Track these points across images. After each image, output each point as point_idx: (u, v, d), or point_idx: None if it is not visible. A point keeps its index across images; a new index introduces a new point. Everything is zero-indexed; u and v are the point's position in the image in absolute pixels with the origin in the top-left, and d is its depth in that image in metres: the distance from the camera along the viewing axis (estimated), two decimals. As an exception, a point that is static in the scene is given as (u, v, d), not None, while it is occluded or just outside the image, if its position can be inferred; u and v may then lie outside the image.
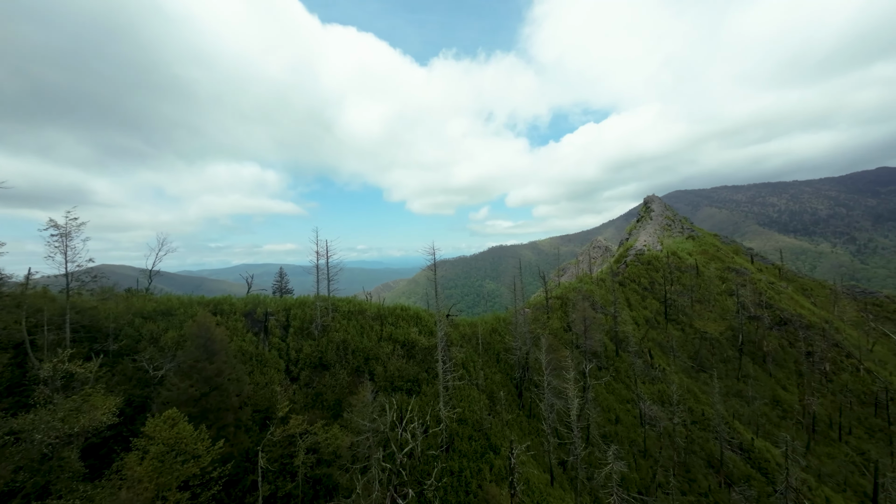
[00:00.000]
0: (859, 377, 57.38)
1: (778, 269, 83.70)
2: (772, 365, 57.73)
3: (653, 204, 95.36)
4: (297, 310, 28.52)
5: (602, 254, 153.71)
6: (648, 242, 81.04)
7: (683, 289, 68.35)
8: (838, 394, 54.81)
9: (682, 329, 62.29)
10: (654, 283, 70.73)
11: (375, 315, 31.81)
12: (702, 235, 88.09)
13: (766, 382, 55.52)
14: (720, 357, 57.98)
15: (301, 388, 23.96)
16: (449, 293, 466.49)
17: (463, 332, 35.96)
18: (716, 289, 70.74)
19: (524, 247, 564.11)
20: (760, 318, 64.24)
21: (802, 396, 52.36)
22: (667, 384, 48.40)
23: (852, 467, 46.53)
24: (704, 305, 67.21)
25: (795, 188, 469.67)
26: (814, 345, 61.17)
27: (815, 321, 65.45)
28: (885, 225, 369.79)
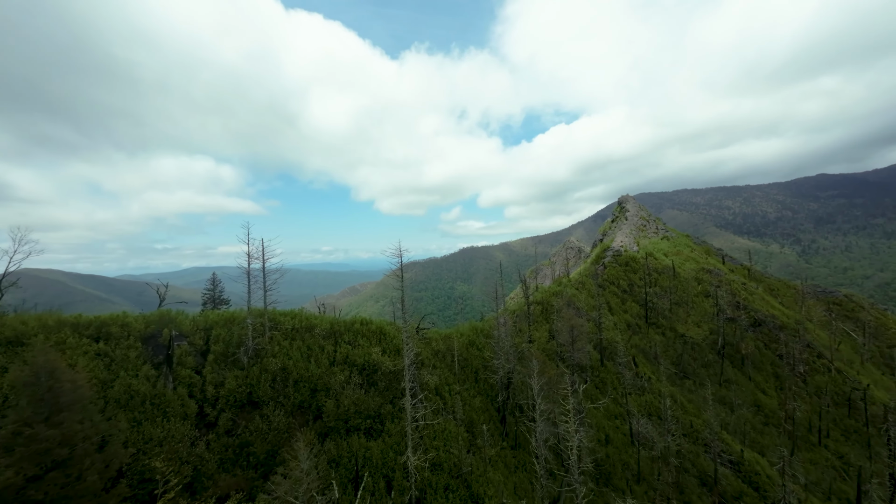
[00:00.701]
0: (831, 378, 58.27)
1: (747, 270, 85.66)
2: (751, 368, 57.37)
3: (627, 204, 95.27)
4: (221, 329, 22.41)
5: (575, 255, 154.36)
6: (625, 243, 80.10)
7: (662, 291, 67.32)
8: (814, 396, 55.15)
9: (662, 333, 60.88)
10: (633, 286, 69.32)
11: (328, 332, 26.19)
12: (676, 236, 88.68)
13: (747, 387, 54.90)
14: (701, 362, 56.88)
15: (219, 437, 18.05)
16: (419, 296, 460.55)
17: (436, 347, 31.03)
18: (693, 290, 70.42)
19: (496, 248, 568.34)
20: (737, 319, 64.25)
21: (783, 401, 52.09)
22: (654, 394, 46.03)
23: (834, 473, 46.17)
24: (683, 308, 66.49)
25: (748, 192, 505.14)
26: (788, 346, 61.78)
27: (787, 322, 66.41)
28: (825, 227, 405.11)
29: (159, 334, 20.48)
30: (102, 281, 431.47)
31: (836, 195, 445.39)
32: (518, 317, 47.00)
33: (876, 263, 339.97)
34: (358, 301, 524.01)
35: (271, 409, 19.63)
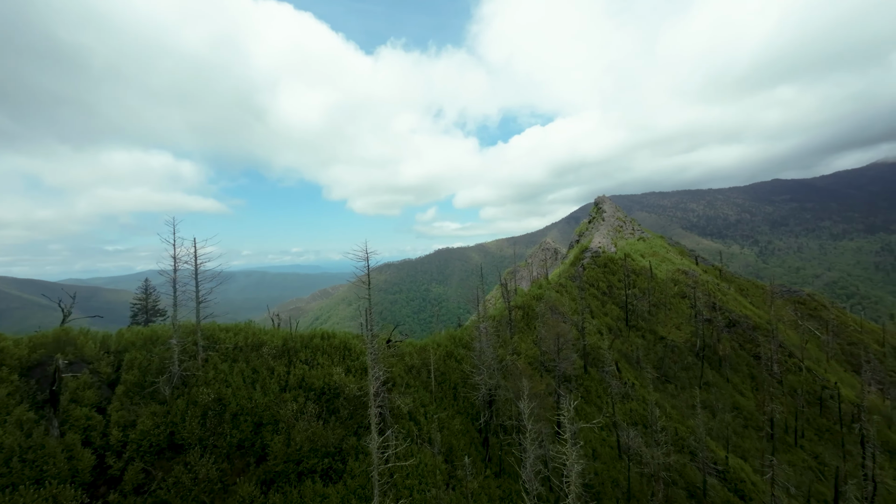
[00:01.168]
0: (803, 377, 59.48)
1: (719, 271, 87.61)
2: (728, 370, 57.56)
3: (604, 205, 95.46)
4: (137, 352, 18.02)
5: (551, 256, 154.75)
6: (603, 244, 79.70)
7: (641, 293, 66.90)
8: (788, 396, 55.92)
9: (642, 336, 60.19)
10: (613, 287, 68.60)
11: (280, 350, 22.19)
12: (651, 237, 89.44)
13: (725, 389, 54.88)
14: (681, 364, 56.47)
15: (125, 497, 13.88)
16: (393, 299, 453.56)
17: (409, 362, 27.58)
18: (670, 292, 70.59)
19: (471, 249, 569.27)
20: (713, 321, 64.70)
21: (761, 402, 52.39)
22: (638, 401, 44.61)
23: (811, 474, 46.44)
24: (660, 309, 66.36)
25: (711, 195, 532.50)
26: (762, 347, 62.75)
27: (759, 322, 67.64)
28: (780, 229, 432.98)
29: (50, 361, 15.93)
30: (43, 286, 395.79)
31: (788, 199, 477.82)
32: (499, 323, 44.32)
33: (824, 263, 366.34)
34: (330, 304, 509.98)
35: (199, 455, 15.59)
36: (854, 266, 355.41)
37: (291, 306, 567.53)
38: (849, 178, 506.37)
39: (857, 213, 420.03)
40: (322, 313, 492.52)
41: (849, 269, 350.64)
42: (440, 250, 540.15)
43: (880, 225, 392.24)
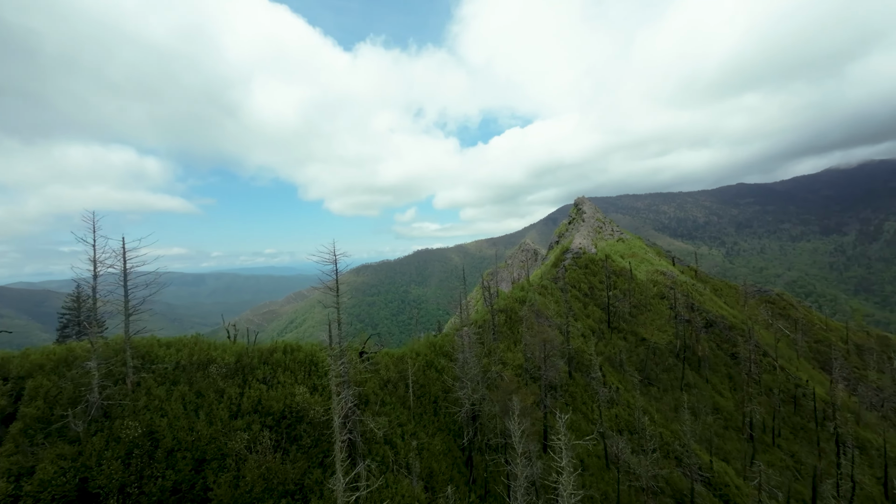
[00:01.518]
0: (777, 376, 60.67)
1: (694, 271, 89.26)
2: (707, 370, 57.90)
3: (584, 206, 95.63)
4: (44, 378, 14.67)
5: (531, 257, 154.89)
6: (583, 245, 79.40)
7: (621, 294, 66.67)
8: (764, 395, 56.76)
9: (624, 338, 59.77)
10: (594, 289, 68.10)
11: (232, 368, 19.15)
12: (630, 238, 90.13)
13: (705, 390, 55.05)
14: (662, 366, 56.32)
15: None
16: (371, 300, 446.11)
17: (385, 376, 24.99)
18: (649, 293, 70.82)
19: (451, 250, 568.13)
20: (692, 321, 65.21)
21: (740, 403, 52.84)
22: (623, 406, 43.64)
23: (789, 473, 46.85)
24: (641, 310, 66.36)
25: (681, 198, 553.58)
26: (738, 346, 63.71)
27: (735, 322, 68.79)
28: (744, 231, 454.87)
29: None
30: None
31: (752, 203, 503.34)
32: (481, 328, 42.29)
33: (785, 263, 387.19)
34: (305, 307, 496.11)
35: (118, 507, 12.54)
36: (811, 266, 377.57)
37: (264, 310, 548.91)
38: (805, 183, 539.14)
39: (813, 216, 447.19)
40: (297, 317, 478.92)
41: (806, 269, 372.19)
42: (419, 251, 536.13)
43: (833, 227, 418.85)
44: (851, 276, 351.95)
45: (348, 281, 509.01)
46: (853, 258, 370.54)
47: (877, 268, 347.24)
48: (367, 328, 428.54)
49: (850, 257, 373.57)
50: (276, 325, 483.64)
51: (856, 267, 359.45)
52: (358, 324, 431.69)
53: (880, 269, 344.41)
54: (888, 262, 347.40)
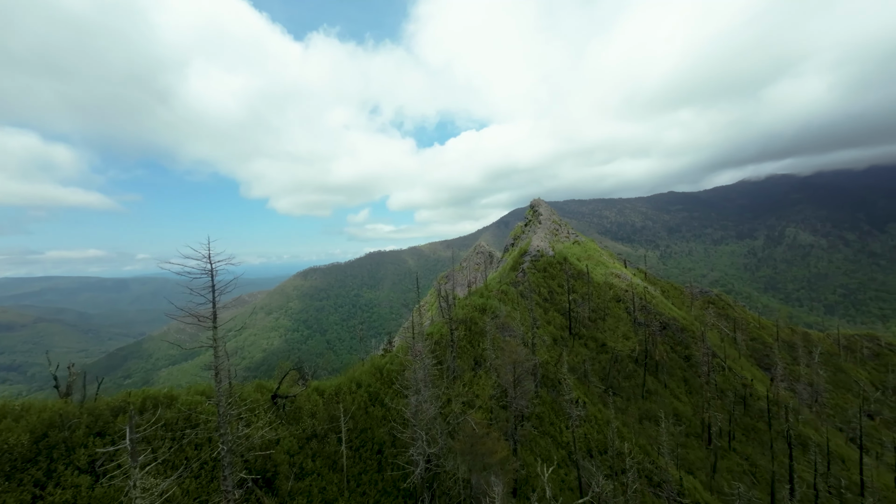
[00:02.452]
0: (726, 376, 61.77)
1: (644, 273, 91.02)
2: (665, 375, 57.18)
3: (540, 207, 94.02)
4: None
5: (485, 259, 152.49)
6: (541, 247, 76.99)
7: (581, 298, 64.60)
8: (716, 398, 57.15)
9: (585, 344, 57.36)
10: (553, 293, 65.42)
11: (28, 449, 11.39)
12: (585, 241, 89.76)
13: (664, 395, 53.99)
14: (623, 373, 54.54)
15: None
16: (320, 305, 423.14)
17: (310, 426, 18.15)
18: (606, 296, 69.74)
19: (405, 252, 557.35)
20: (648, 325, 64.79)
21: (699, 408, 52.40)
22: (590, 423, 40.17)
23: (747, 479, 46.49)
24: (599, 314, 64.80)
25: (621, 204, 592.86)
26: (691, 348, 64.29)
27: (686, 324, 69.74)
28: (675, 235, 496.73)
29: None
30: None
31: (681, 209, 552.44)
32: (437, 343, 36.49)
33: (708, 264, 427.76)
34: (245, 313, 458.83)
35: None
36: (730, 267, 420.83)
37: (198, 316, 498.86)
38: (723, 193, 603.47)
39: (730, 222, 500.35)
40: (236, 324, 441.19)
41: (726, 270, 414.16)
42: (372, 253, 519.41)
43: (746, 233, 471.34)
44: (761, 275, 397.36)
45: (295, 285, 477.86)
46: (762, 260, 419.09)
47: (781, 268, 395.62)
48: (316, 335, 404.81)
49: (760, 259, 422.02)
50: (211, 332, 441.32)
51: (765, 268, 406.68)
52: (305, 330, 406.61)
53: (784, 270, 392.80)
54: (790, 263, 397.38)
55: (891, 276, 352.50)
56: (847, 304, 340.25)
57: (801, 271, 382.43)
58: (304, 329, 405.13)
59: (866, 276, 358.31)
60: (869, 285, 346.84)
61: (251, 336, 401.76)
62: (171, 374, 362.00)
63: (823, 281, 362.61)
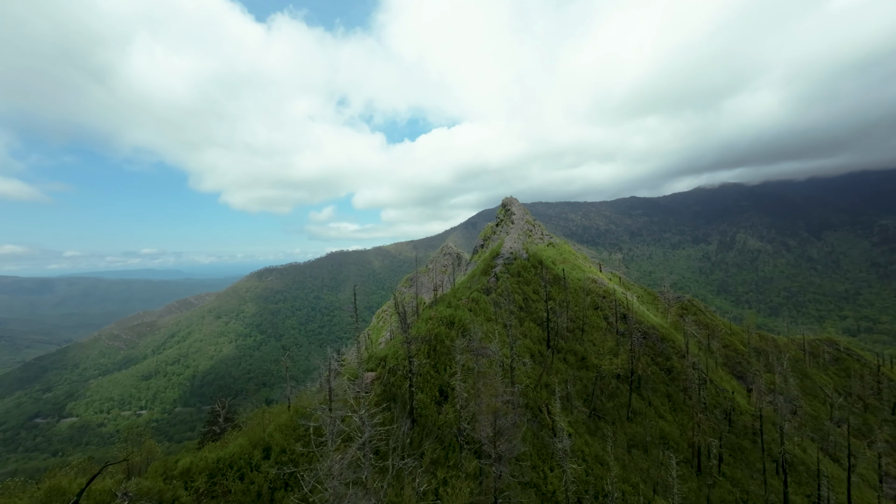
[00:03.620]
0: (708, 389, 58.55)
1: (619, 278, 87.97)
2: (649, 391, 52.74)
3: (513, 207, 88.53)
4: None
5: (453, 261, 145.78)
6: (514, 249, 71.17)
7: (558, 306, 59.10)
8: (700, 413, 53.51)
9: (564, 359, 51.69)
10: (528, 300, 59.51)
11: None
12: (559, 243, 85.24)
13: (650, 416, 49.33)
14: (606, 392, 49.37)
15: None
16: (275, 308, 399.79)
17: None
18: (583, 302, 64.91)
19: (369, 252, 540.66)
20: (629, 335, 60.55)
21: (685, 429, 48.21)
22: (577, 459, 34.00)
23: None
24: (577, 323, 59.71)
25: (586, 207, 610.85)
26: (671, 360, 60.71)
27: (665, 333, 66.34)
28: (636, 239, 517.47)
29: None
30: None
31: (642, 214, 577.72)
32: (393, 371, 28.73)
33: (667, 268, 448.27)
34: (192, 317, 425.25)
35: None
36: (686, 270, 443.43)
37: (136, 321, 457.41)
38: (681, 199, 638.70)
39: (687, 227, 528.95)
40: (180, 329, 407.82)
41: (683, 273, 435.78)
42: (333, 253, 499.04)
43: (701, 237, 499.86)
44: (715, 278, 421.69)
45: (249, 286, 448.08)
46: (716, 264, 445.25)
47: (732, 272, 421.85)
48: (270, 340, 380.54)
49: (713, 263, 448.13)
50: (151, 339, 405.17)
51: (717, 271, 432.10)
52: (259, 335, 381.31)
53: (734, 273, 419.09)
54: (740, 267, 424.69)
55: (826, 280, 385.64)
56: (790, 305, 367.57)
57: (749, 275, 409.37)
58: (258, 334, 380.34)
59: (806, 279, 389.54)
60: (808, 288, 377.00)
61: (197, 342, 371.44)
62: (102, 386, 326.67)
63: (769, 284, 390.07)
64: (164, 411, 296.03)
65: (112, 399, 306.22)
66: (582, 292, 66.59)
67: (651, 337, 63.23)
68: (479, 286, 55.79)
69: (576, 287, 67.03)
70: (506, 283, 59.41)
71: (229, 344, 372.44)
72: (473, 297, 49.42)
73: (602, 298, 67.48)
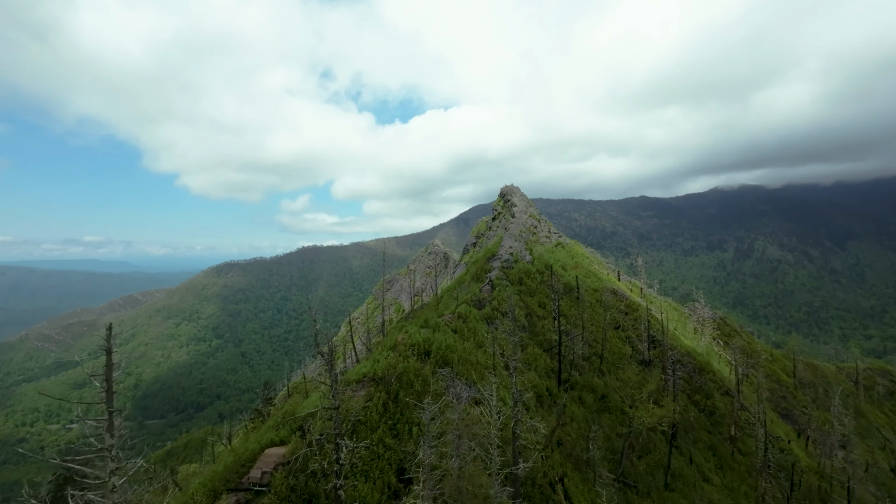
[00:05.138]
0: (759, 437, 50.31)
1: (640, 289, 79.69)
2: (689, 442, 44.10)
3: (513, 197, 79.38)
4: None
5: (441, 261, 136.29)
6: (515, 250, 62.10)
7: (570, 325, 50.14)
8: (753, 471, 45.12)
9: (580, 398, 42.68)
10: (533, 317, 50.41)
11: None
12: (570, 243, 76.53)
13: (691, 478, 40.69)
14: (636, 445, 40.54)
15: None
16: (235, 309, 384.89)
17: None
18: (600, 320, 56.12)
19: (346, 248, 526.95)
20: (659, 364, 52.06)
21: (742, 497, 39.70)
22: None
23: None
24: (594, 349, 50.93)
25: (591, 206, 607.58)
26: (713, 398, 52.41)
27: (701, 361, 58.02)
28: (645, 243, 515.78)
29: None
30: None
31: (652, 216, 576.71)
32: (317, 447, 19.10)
33: (679, 276, 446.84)
34: (137, 317, 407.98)
35: None
36: (699, 280, 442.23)
37: (72, 319, 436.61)
38: (695, 201, 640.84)
39: (701, 231, 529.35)
40: (122, 330, 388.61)
41: (696, 283, 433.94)
42: (305, 248, 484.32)
43: (716, 244, 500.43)
44: (730, 290, 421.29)
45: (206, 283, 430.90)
46: (732, 274, 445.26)
47: (749, 283, 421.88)
48: (228, 346, 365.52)
49: (729, 273, 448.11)
50: (88, 341, 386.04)
51: (733, 282, 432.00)
52: (215, 340, 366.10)
53: (752, 285, 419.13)
54: (758, 278, 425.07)
55: (850, 295, 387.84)
56: (811, 322, 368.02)
57: (768, 287, 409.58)
58: (214, 339, 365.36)
59: (828, 293, 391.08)
60: (831, 303, 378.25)
61: (141, 346, 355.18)
62: (26, 395, 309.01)
63: (789, 298, 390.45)
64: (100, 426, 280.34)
65: (37, 410, 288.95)
66: (600, 307, 57.82)
67: (686, 367, 54.66)
68: (469, 297, 46.39)
69: (592, 300, 58.23)
70: (503, 293, 50.17)
71: (180, 349, 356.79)
72: (460, 313, 39.99)
73: (624, 315, 58.87)
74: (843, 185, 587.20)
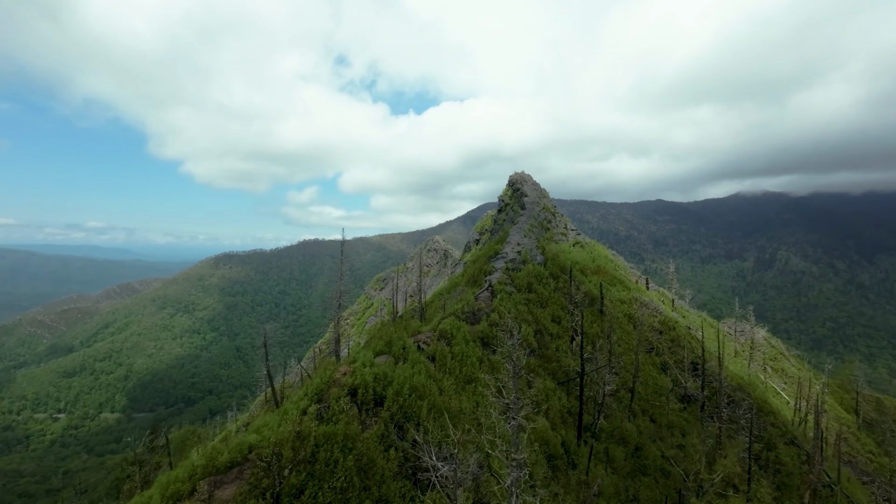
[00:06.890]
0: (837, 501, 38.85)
1: (672, 301, 68.12)
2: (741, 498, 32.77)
3: (524, 186, 68.18)
4: None
5: (440, 259, 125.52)
6: (524, 247, 51.07)
7: (592, 348, 38.94)
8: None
9: (605, 454, 31.63)
10: (543, 335, 39.35)
11: None
12: (590, 243, 65.18)
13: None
14: None
15: None
16: (232, 302, 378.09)
17: None
18: (629, 340, 44.95)
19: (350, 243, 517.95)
20: (700, 399, 40.84)
21: None
22: None
23: None
24: (624, 380, 39.82)
25: (604, 209, 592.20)
26: (777, 445, 41.07)
27: (757, 397, 46.45)
28: (661, 249, 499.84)
29: None
30: None
31: (668, 220, 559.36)
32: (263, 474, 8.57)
33: (696, 285, 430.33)
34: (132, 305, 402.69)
35: None
36: (717, 289, 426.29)
37: (68, 305, 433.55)
38: (714, 206, 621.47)
39: (719, 239, 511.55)
40: (117, 318, 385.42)
41: (713, 293, 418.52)
42: (307, 242, 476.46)
43: (735, 252, 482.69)
44: (750, 301, 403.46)
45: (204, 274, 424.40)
46: (752, 284, 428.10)
47: (770, 295, 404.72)
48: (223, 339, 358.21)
49: (749, 283, 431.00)
50: (83, 328, 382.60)
51: (753, 293, 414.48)
52: (210, 332, 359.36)
53: (773, 297, 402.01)
54: (780, 289, 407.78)
55: (879, 312, 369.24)
56: (835, 338, 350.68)
57: (791, 300, 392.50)
58: (209, 331, 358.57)
59: (855, 309, 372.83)
60: (857, 320, 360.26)
61: (134, 336, 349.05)
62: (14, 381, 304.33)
63: (813, 312, 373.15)
64: (87, 417, 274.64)
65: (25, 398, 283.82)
66: (629, 323, 46.68)
67: (739, 405, 43.09)
68: (461, 306, 35.44)
69: (619, 313, 47.01)
70: (506, 302, 39.18)
71: (173, 340, 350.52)
72: (444, 331, 29.06)
73: (659, 335, 47.62)
74: (874, 195, 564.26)
